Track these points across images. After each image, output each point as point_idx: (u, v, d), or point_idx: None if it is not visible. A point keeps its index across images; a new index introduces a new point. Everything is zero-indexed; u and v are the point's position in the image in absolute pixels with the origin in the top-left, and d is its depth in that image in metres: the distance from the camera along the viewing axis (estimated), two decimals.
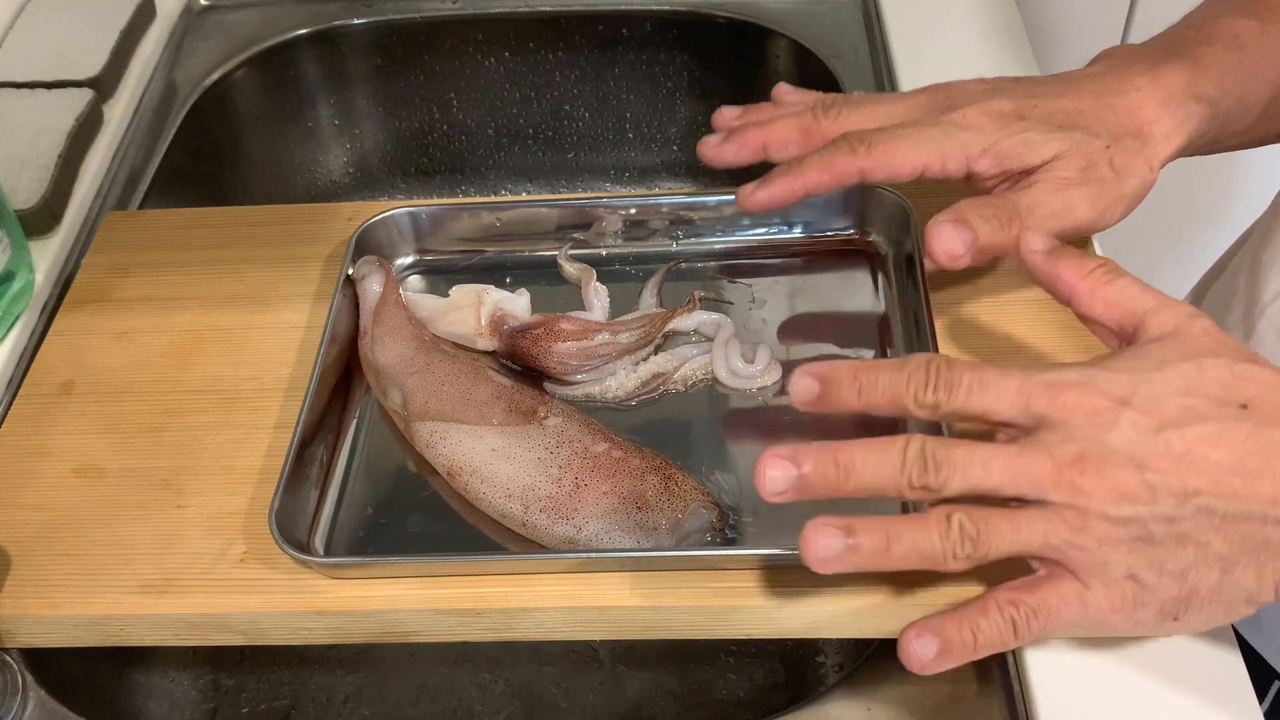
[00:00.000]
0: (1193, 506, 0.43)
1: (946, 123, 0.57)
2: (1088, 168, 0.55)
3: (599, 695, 0.70)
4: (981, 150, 0.56)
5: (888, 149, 0.56)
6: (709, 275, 0.68)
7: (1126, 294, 0.48)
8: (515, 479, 0.55)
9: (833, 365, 0.46)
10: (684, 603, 0.52)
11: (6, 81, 0.82)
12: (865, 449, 0.44)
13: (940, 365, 0.45)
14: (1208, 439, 0.43)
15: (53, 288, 0.72)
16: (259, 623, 0.54)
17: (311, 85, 0.96)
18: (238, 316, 0.67)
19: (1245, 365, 0.44)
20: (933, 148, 0.56)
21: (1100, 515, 0.43)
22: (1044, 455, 0.43)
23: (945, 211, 0.54)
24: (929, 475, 0.43)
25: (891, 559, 0.43)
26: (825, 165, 0.57)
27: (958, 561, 0.43)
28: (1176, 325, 0.46)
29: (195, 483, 0.59)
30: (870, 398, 0.45)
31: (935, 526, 0.43)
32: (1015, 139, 0.56)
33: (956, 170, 0.56)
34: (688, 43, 0.94)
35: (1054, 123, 0.56)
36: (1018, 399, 0.44)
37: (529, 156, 1.01)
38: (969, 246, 0.54)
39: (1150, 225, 1.35)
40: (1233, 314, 0.66)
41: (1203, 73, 0.57)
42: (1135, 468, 0.43)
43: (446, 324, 0.64)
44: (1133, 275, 0.48)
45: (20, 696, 0.56)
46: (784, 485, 0.44)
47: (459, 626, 0.54)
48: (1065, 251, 0.50)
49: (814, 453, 0.44)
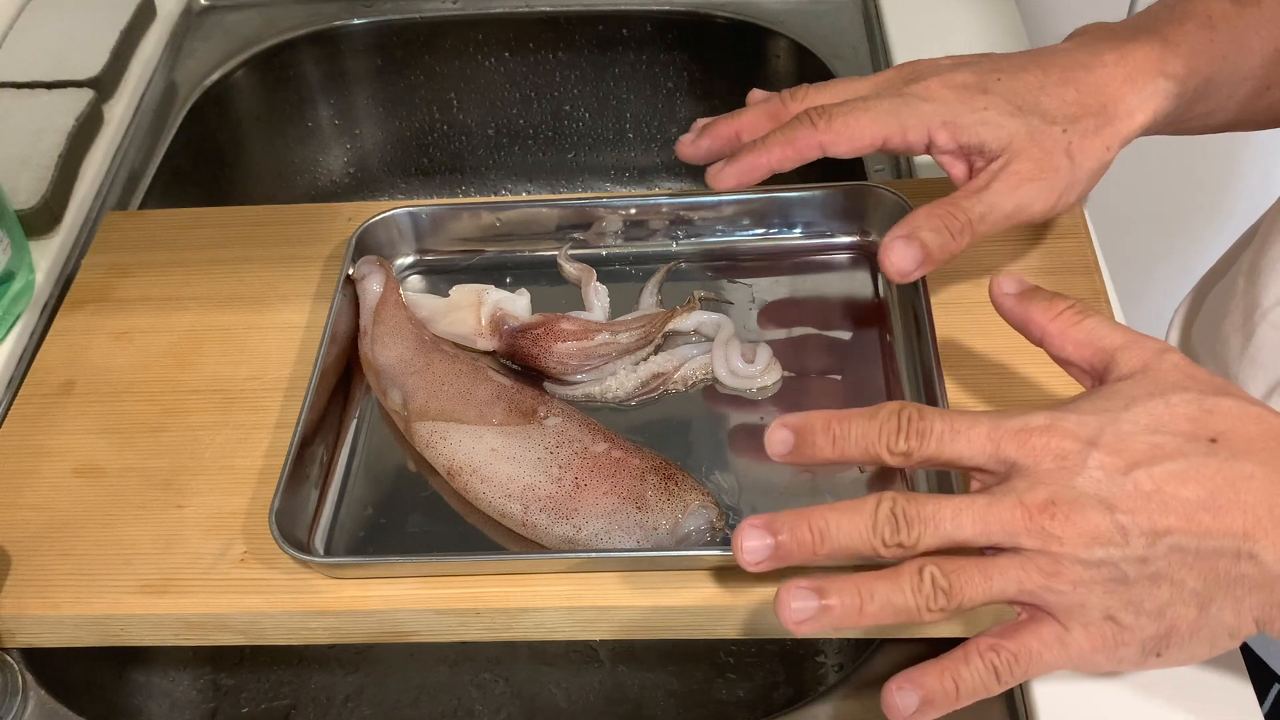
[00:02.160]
0: (1164, 545, 0.42)
1: (908, 94, 0.57)
2: (1043, 159, 0.55)
3: (599, 695, 0.70)
4: (941, 122, 0.56)
5: (848, 121, 0.56)
6: (709, 275, 0.68)
7: (1095, 333, 0.48)
8: (515, 479, 0.55)
9: (806, 417, 0.46)
10: (684, 603, 0.52)
11: (6, 81, 0.82)
12: (838, 513, 0.44)
13: (911, 414, 0.45)
14: (1177, 476, 0.43)
15: (53, 288, 0.72)
16: (259, 623, 0.54)
17: (311, 85, 0.96)
18: (238, 316, 0.67)
19: (1214, 399, 0.44)
20: (893, 119, 0.56)
21: (1073, 559, 0.43)
22: (1013, 502, 0.43)
23: (897, 226, 0.55)
24: (901, 534, 0.43)
25: (865, 617, 0.44)
26: (787, 140, 0.57)
27: (932, 614, 0.43)
28: (1145, 361, 0.46)
29: (195, 483, 0.59)
30: (844, 448, 0.46)
31: (908, 581, 0.43)
32: (975, 115, 0.56)
33: (917, 141, 0.57)
34: (688, 43, 0.94)
35: (1015, 102, 0.56)
36: (987, 444, 0.44)
37: (529, 156, 1.01)
38: (919, 263, 0.55)
39: (1150, 225, 1.35)
40: (1231, 317, 0.65)
41: (1172, 50, 0.57)
42: (1105, 509, 0.42)
43: (446, 324, 0.64)
44: (1101, 314, 0.48)
45: (20, 696, 0.56)
46: (761, 555, 0.45)
47: (459, 626, 0.54)
48: (1035, 294, 0.50)
49: (788, 520, 0.45)
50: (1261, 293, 0.63)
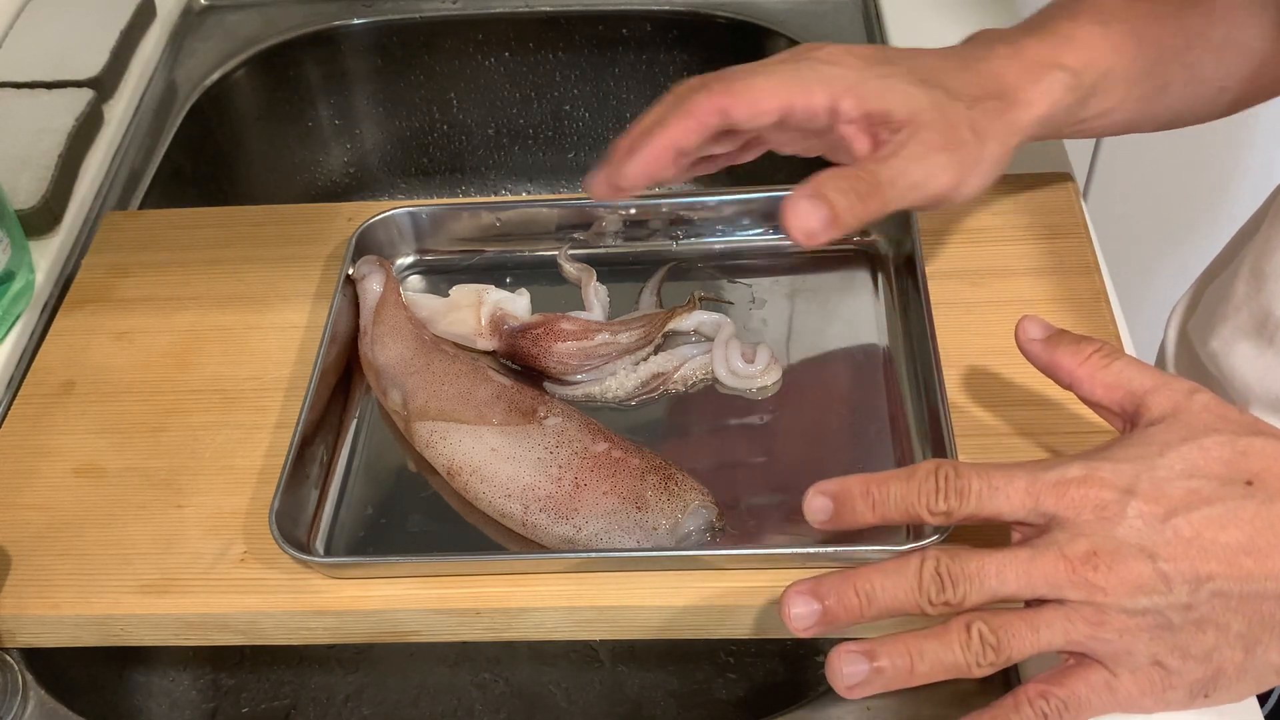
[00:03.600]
0: (1207, 591, 0.43)
1: (812, 59, 0.55)
2: (949, 130, 0.54)
3: (599, 695, 0.70)
4: (846, 87, 0.54)
5: (748, 83, 0.54)
6: (709, 275, 0.68)
7: (1124, 375, 0.48)
8: (515, 479, 0.55)
9: (843, 483, 0.46)
10: (684, 603, 0.52)
11: (6, 81, 0.82)
12: (882, 575, 0.45)
13: (948, 473, 0.45)
14: (1216, 521, 0.43)
15: (53, 288, 0.72)
16: (259, 623, 0.54)
17: (311, 85, 0.96)
18: (238, 316, 0.67)
19: (1247, 439, 0.44)
20: (795, 80, 0.54)
21: (1117, 609, 0.43)
22: (1055, 555, 0.43)
23: (801, 186, 0.52)
24: (947, 593, 0.44)
25: (916, 676, 0.44)
26: (685, 113, 0.54)
27: (981, 669, 0.44)
28: (1176, 404, 0.46)
29: (195, 483, 0.59)
30: (884, 511, 0.46)
31: (956, 638, 0.44)
32: (880, 81, 0.54)
33: (821, 104, 0.54)
34: (688, 43, 0.94)
35: (919, 74, 0.55)
36: (1026, 499, 0.44)
37: (529, 156, 1.01)
38: (826, 223, 0.51)
39: (1150, 225, 1.35)
40: (1232, 320, 0.65)
41: (1065, 43, 0.57)
42: (1147, 558, 0.43)
43: (446, 324, 0.64)
44: (1129, 355, 0.48)
45: (20, 696, 0.56)
46: (809, 621, 0.45)
47: (459, 626, 0.54)
48: (1061, 339, 0.50)
49: (834, 585, 0.45)
50: (1272, 301, 0.62)
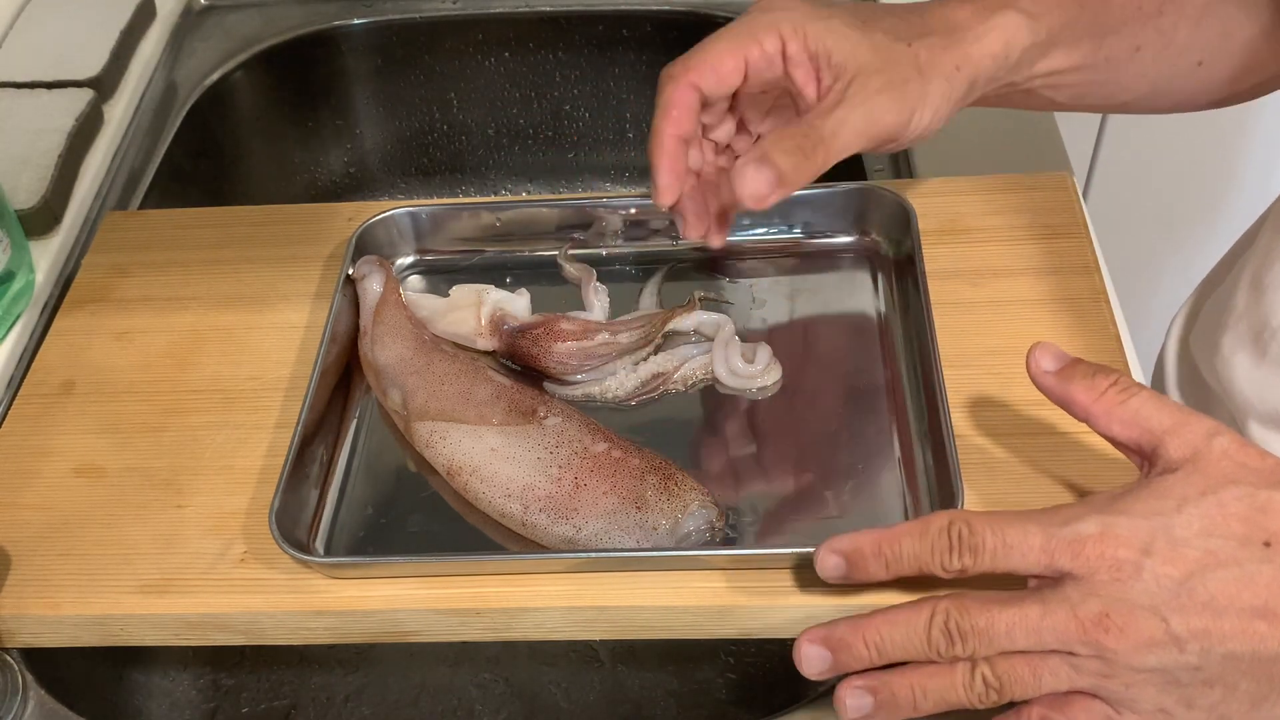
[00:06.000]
0: (1219, 654, 0.43)
1: (756, 10, 0.57)
2: (888, 69, 0.55)
3: (599, 695, 0.70)
4: (791, 28, 0.56)
5: (704, 52, 0.57)
6: (709, 275, 0.68)
7: (1141, 413, 0.47)
8: (515, 479, 0.55)
9: (855, 540, 0.47)
10: (684, 603, 0.52)
11: (6, 81, 0.82)
12: (891, 625, 0.45)
13: (961, 529, 0.45)
14: (1232, 583, 0.43)
15: (53, 288, 0.72)
16: (259, 623, 0.54)
17: (311, 85, 0.96)
18: (238, 316, 0.67)
19: (1267, 493, 0.44)
20: (745, 33, 0.57)
21: (1126, 666, 0.43)
22: (1068, 615, 0.43)
23: (748, 153, 0.54)
24: (955, 648, 0.44)
25: (920, 712, 0.45)
26: (664, 107, 0.57)
27: (984, 705, 0.45)
28: (1195, 448, 0.45)
29: (195, 483, 0.59)
30: (898, 569, 0.46)
31: (960, 679, 0.44)
32: (822, 23, 0.56)
33: (773, 47, 0.56)
34: (688, 43, 0.93)
35: (860, 17, 0.56)
36: (1042, 557, 0.44)
37: (529, 156, 1.01)
38: (773, 185, 0.53)
39: (1150, 225, 1.35)
40: (1232, 330, 0.65)
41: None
42: (1159, 619, 0.43)
43: (446, 324, 0.64)
44: (1147, 389, 0.48)
45: (20, 696, 0.56)
46: (822, 666, 0.46)
47: (459, 626, 0.54)
48: (1075, 371, 0.49)
49: (845, 634, 0.46)
50: (1270, 311, 0.62)
